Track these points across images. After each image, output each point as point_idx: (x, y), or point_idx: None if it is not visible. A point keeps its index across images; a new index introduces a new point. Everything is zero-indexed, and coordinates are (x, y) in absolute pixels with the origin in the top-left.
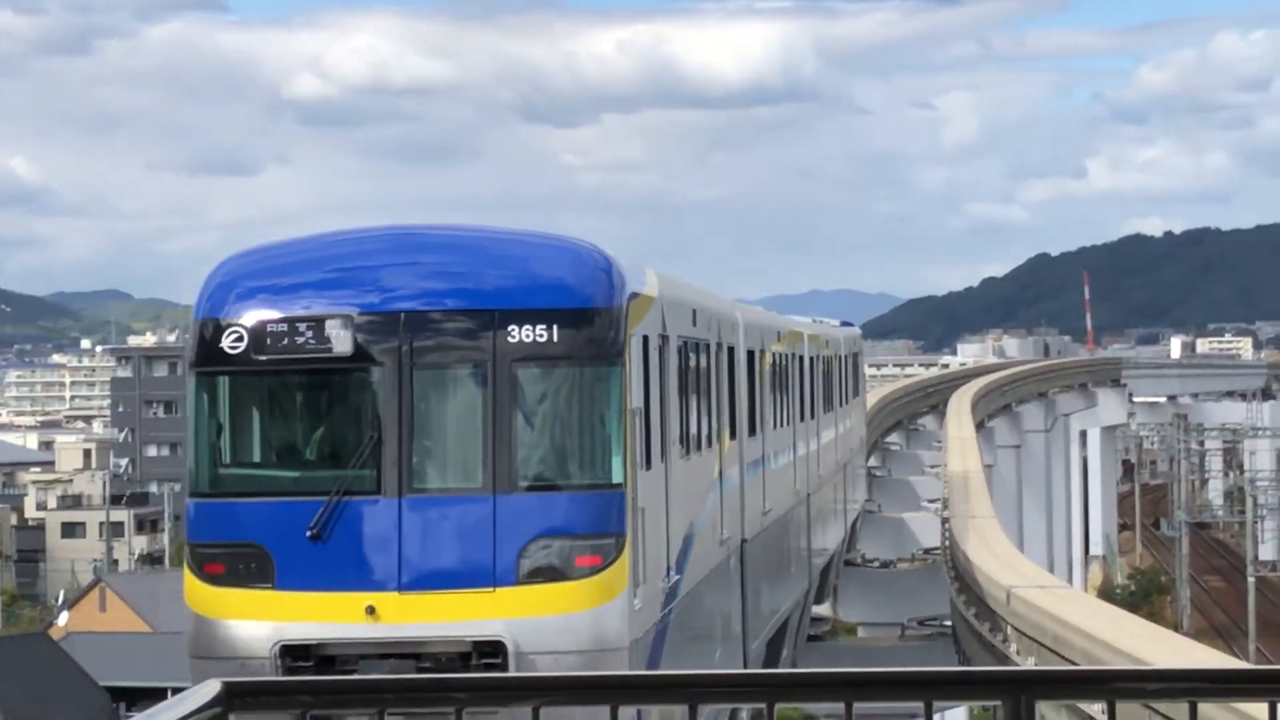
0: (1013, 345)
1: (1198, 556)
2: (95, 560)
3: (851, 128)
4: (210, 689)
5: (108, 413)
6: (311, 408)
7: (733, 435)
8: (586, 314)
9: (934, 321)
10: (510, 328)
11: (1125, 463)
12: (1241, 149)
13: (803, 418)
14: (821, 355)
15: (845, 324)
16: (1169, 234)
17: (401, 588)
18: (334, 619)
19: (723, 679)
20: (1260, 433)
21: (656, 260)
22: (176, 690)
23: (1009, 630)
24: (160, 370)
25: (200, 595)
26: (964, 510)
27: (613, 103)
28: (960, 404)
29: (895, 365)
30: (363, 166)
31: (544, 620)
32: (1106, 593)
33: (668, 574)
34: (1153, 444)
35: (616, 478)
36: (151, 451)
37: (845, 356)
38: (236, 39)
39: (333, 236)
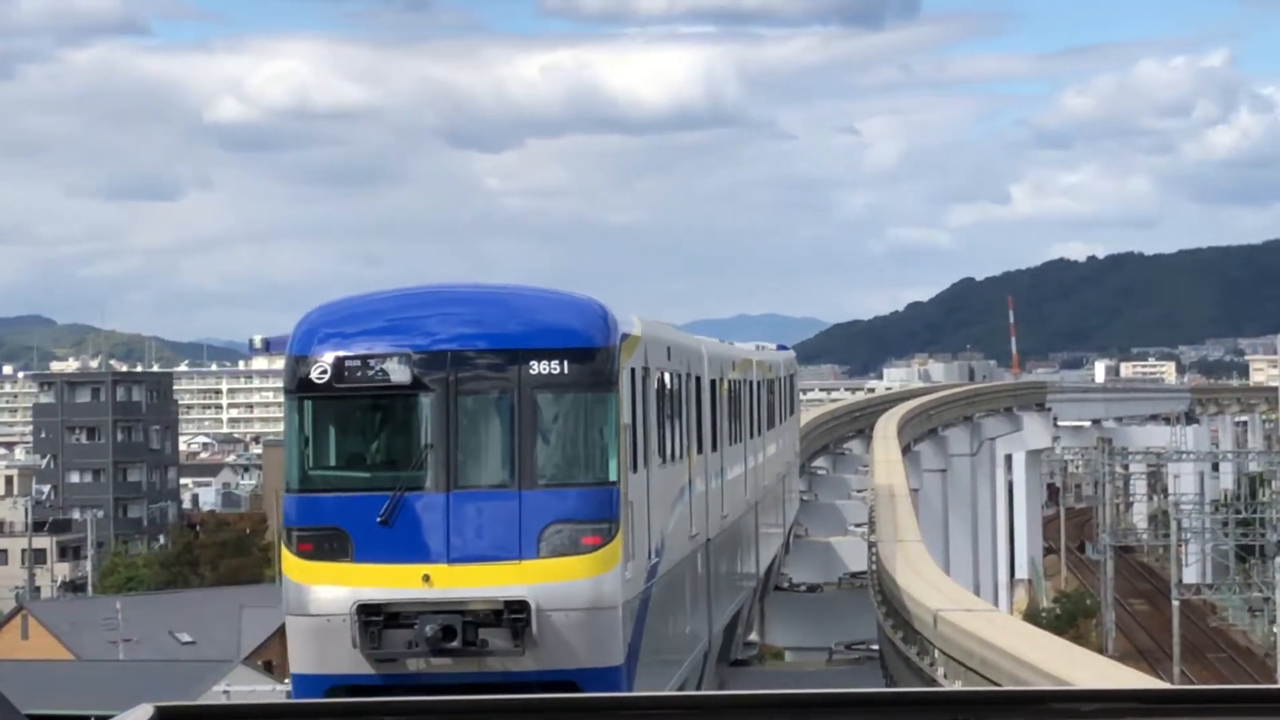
0: (938, 369)
1: (1122, 580)
2: (17, 587)
3: (775, 152)
4: (143, 713)
5: (29, 439)
6: (378, 424)
7: (699, 450)
8: (588, 352)
9: (860, 346)
10: (530, 362)
11: (1050, 486)
12: (1164, 174)
13: (751, 435)
14: (765, 379)
15: (781, 347)
16: (1092, 259)
17: (450, 560)
18: (398, 585)
19: (664, 701)
20: (1184, 456)
21: (582, 284)
22: (101, 718)
23: (936, 654)
24: (83, 396)
25: (295, 568)
26: (890, 534)
27: (537, 127)
28: (886, 428)
29: (821, 389)
30: (286, 191)
31: (557, 585)
32: (1032, 616)
33: (650, 555)
34: (1077, 468)
35: (612, 477)
36: (74, 478)
37: (783, 379)
38: (158, 63)
39: (390, 293)
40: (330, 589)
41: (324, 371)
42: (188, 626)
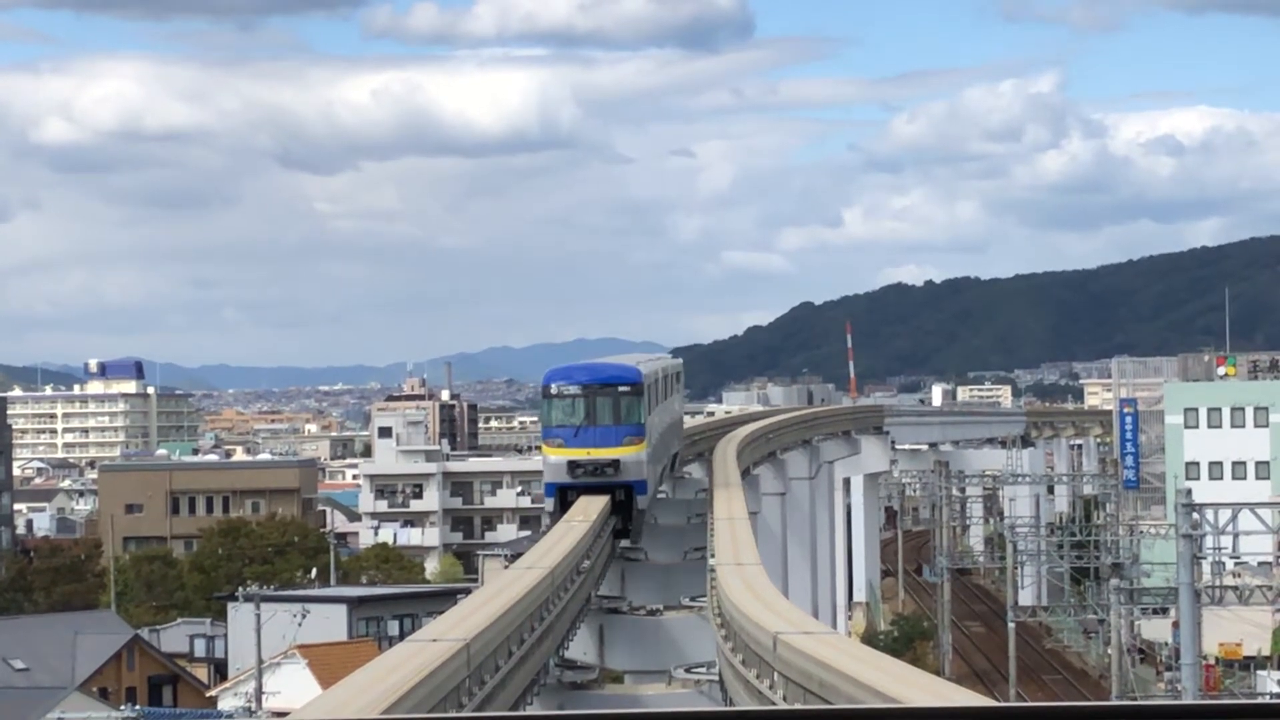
0: (777, 393)
1: (959, 602)
2: None
3: (611, 175)
4: None
5: None
6: (571, 405)
7: (658, 405)
8: (634, 383)
9: (699, 370)
10: (617, 386)
11: (888, 509)
12: (996, 199)
13: (667, 396)
14: (674, 373)
15: (673, 354)
16: (929, 283)
17: (595, 447)
18: (580, 454)
19: None
20: (1019, 479)
21: (420, 306)
22: None
23: (776, 676)
24: None
25: (549, 449)
26: (730, 557)
27: (369, 150)
28: (726, 452)
29: None
30: (117, 214)
31: (627, 454)
32: (870, 639)
33: (651, 444)
34: (915, 491)
35: (642, 421)
36: None
37: (676, 373)
38: None
39: (576, 363)
40: (559, 455)
41: (554, 390)
42: (21, 653)
